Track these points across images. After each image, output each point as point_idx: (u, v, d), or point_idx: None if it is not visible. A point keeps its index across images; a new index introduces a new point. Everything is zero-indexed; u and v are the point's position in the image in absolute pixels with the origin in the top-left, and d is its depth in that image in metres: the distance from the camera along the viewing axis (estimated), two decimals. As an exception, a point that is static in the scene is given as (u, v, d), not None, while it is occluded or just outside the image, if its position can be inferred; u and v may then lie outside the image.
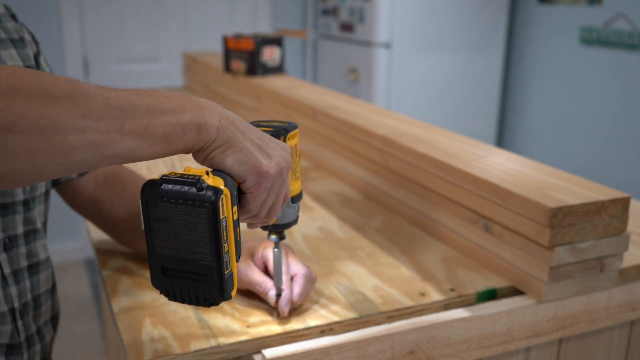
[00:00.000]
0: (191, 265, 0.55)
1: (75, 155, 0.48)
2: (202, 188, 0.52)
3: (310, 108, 1.35)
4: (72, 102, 0.47)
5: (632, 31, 2.58)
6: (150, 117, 0.51)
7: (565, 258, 0.78)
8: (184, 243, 0.54)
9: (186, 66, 2.33)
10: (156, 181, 0.53)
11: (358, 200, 1.16)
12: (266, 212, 0.61)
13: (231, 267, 0.56)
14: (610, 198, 0.78)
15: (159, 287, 0.57)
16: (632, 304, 0.87)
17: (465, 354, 0.78)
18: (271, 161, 0.58)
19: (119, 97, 0.50)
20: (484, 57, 3.06)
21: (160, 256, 0.56)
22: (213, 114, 0.55)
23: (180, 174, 0.54)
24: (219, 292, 0.55)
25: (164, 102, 0.52)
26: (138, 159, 0.52)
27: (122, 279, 0.85)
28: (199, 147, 0.54)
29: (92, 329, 2.58)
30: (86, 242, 3.19)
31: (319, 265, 0.89)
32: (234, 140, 0.55)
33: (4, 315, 0.75)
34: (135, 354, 0.68)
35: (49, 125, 0.46)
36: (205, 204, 0.52)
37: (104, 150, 0.49)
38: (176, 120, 0.52)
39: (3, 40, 0.78)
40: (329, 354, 0.70)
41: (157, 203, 0.53)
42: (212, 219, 0.53)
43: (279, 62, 1.77)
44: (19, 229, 0.78)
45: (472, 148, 1.01)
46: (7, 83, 0.45)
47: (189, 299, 0.57)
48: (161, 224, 0.54)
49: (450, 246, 0.95)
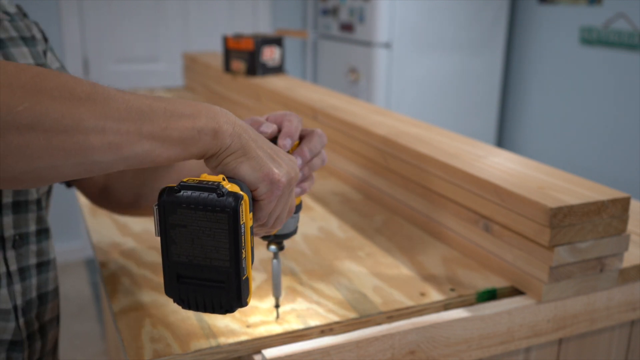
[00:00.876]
0: (208, 272, 0.55)
1: (94, 156, 0.48)
2: (222, 194, 0.52)
3: (310, 108, 1.35)
4: (94, 103, 0.48)
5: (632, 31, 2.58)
6: (167, 120, 0.51)
7: (565, 258, 0.78)
8: (201, 249, 0.54)
9: (186, 66, 2.33)
10: (174, 187, 0.53)
11: (358, 200, 1.16)
12: (274, 221, 0.61)
13: (247, 273, 0.56)
14: (610, 198, 0.78)
15: (173, 295, 0.57)
16: (632, 304, 0.87)
17: (465, 354, 0.78)
18: (282, 170, 0.58)
19: (138, 100, 0.51)
20: (484, 57, 3.06)
21: (176, 263, 0.55)
22: (227, 120, 0.55)
23: (199, 180, 0.54)
24: (236, 298, 0.55)
25: (180, 107, 0.53)
26: (154, 162, 0.52)
27: (122, 279, 0.85)
28: (213, 153, 0.55)
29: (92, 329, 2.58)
30: (86, 242, 3.19)
31: (319, 265, 0.89)
32: (247, 147, 0.56)
33: (9, 312, 0.75)
34: (135, 354, 0.68)
35: (71, 124, 0.46)
36: (226, 210, 0.52)
37: (122, 151, 0.49)
38: (192, 125, 0.53)
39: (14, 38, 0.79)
40: (329, 354, 0.70)
41: (175, 210, 0.53)
42: (232, 225, 0.53)
43: (279, 62, 1.77)
44: (31, 227, 0.78)
45: (472, 148, 1.01)
46: (32, 83, 0.45)
47: (204, 307, 0.56)
48: (179, 230, 0.54)
49: (450, 246, 0.95)
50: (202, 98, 2.11)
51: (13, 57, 0.77)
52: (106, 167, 0.50)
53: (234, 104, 1.83)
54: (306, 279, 0.85)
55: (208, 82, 2.05)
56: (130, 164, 0.51)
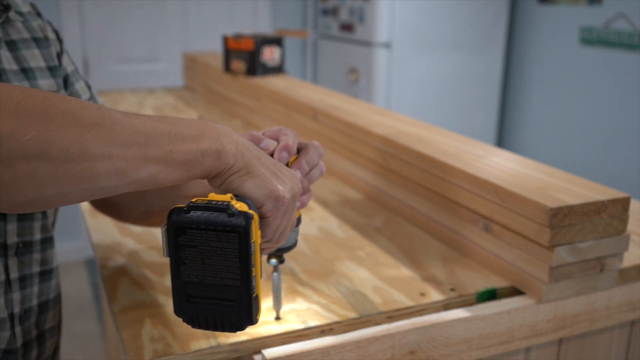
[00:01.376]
0: (218, 291, 0.55)
1: (101, 182, 0.49)
2: (233, 214, 0.52)
3: (310, 108, 1.35)
4: (100, 129, 0.48)
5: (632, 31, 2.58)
6: (171, 143, 0.52)
7: (565, 258, 0.78)
8: (211, 269, 0.54)
9: (186, 66, 2.33)
10: (183, 208, 0.53)
11: (358, 200, 1.16)
12: (278, 236, 0.61)
13: (257, 290, 0.56)
14: (610, 198, 0.78)
15: (183, 315, 0.56)
16: (632, 304, 0.87)
17: (465, 354, 0.78)
18: (286, 186, 0.58)
19: (143, 123, 0.51)
20: (484, 57, 3.06)
21: (186, 283, 0.55)
22: (230, 140, 0.55)
23: (208, 200, 0.54)
24: (247, 316, 0.55)
25: (184, 129, 0.53)
26: (159, 184, 0.53)
27: (122, 279, 0.85)
28: (217, 173, 0.55)
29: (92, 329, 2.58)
30: (86, 242, 3.19)
31: (319, 265, 0.89)
32: (250, 165, 0.56)
33: (4, 321, 0.75)
34: (135, 354, 0.68)
35: (78, 152, 0.47)
36: (237, 229, 0.52)
37: (128, 176, 0.50)
38: (196, 147, 0.53)
39: (26, 40, 0.78)
40: (329, 354, 0.70)
41: (185, 230, 0.53)
42: (243, 244, 0.53)
43: (279, 62, 1.77)
44: (35, 236, 0.78)
45: (472, 148, 1.01)
46: (39, 110, 0.46)
47: (214, 326, 0.56)
48: (188, 251, 0.54)
49: (450, 246, 0.95)
50: (202, 98, 2.11)
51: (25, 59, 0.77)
52: (112, 191, 0.51)
53: (234, 104, 1.83)
54: (306, 279, 0.85)
55: (208, 82, 2.05)
56: (135, 187, 0.52)
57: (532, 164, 0.93)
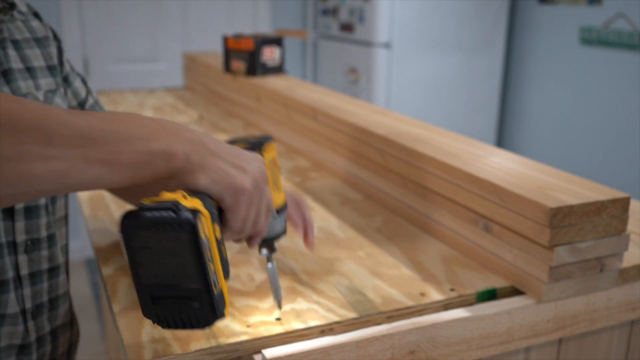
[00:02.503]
0: (180, 290, 0.54)
1: (39, 185, 0.47)
2: (179, 210, 0.51)
3: (310, 108, 1.35)
4: (39, 130, 0.46)
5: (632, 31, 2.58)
6: (116, 145, 0.50)
7: (565, 258, 0.78)
8: (169, 269, 0.54)
9: (186, 66, 2.33)
10: (133, 211, 0.52)
11: (358, 200, 1.16)
12: (251, 227, 0.60)
13: (220, 285, 0.56)
14: (610, 198, 0.78)
15: (151, 316, 0.56)
16: (632, 304, 0.87)
17: (465, 354, 0.78)
18: (246, 175, 0.57)
19: (88, 124, 0.49)
20: (484, 57, 3.06)
21: (148, 285, 0.55)
22: (182, 140, 0.54)
23: (157, 200, 0.53)
24: (211, 312, 0.55)
25: (134, 129, 0.51)
26: (104, 187, 0.51)
27: (122, 279, 0.85)
28: (170, 174, 0.54)
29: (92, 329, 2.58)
30: (86, 242, 3.20)
31: (319, 265, 0.89)
32: (204, 162, 0.55)
33: (16, 316, 0.75)
34: (135, 354, 0.68)
35: (12, 154, 0.45)
36: (184, 227, 0.51)
37: (68, 179, 0.48)
38: (144, 148, 0.51)
39: (28, 39, 0.78)
40: (329, 354, 0.70)
41: (137, 233, 0.52)
42: (193, 241, 0.52)
43: (279, 62, 1.77)
44: (42, 233, 0.78)
45: (472, 148, 1.01)
46: None
47: (182, 324, 0.56)
48: (144, 253, 0.53)
49: (450, 246, 0.95)
50: (202, 98, 2.11)
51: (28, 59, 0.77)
52: (54, 193, 0.49)
53: (234, 104, 1.83)
54: (306, 279, 0.85)
55: (208, 82, 2.05)
56: (78, 190, 0.50)
57: (532, 164, 0.93)
